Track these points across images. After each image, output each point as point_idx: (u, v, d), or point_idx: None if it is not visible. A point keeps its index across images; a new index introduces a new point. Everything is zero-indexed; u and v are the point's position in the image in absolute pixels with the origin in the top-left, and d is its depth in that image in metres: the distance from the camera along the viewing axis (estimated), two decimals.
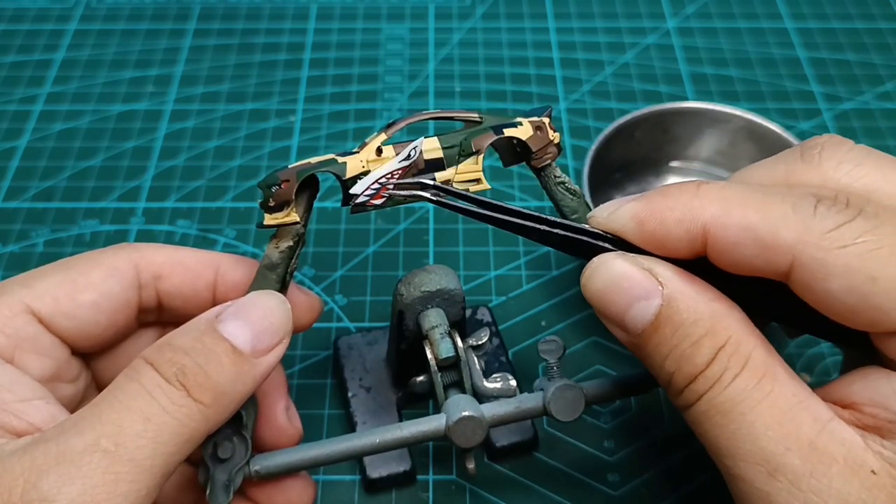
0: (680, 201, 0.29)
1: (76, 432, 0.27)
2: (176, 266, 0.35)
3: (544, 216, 0.32)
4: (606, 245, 0.31)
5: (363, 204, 0.32)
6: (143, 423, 0.27)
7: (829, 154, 0.30)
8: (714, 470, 0.29)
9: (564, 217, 0.36)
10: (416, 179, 0.33)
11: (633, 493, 0.42)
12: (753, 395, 0.27)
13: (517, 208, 0.32)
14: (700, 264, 0.29)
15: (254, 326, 0.30)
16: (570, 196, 0.35)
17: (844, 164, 0.30)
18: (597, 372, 0.47)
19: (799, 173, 0.30)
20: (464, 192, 0.33)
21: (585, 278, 0.30)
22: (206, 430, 0.29)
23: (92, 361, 0.36)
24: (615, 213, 0.31)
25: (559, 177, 0.35)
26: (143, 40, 0.67)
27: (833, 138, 0.31)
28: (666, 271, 0.29)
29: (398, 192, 0.33)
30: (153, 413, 0.28)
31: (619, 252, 0.30)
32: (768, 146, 0.52)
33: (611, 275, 0.30)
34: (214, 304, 0.36)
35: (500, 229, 0.33)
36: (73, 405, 0.34)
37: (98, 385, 0.36)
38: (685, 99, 0.62)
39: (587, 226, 0.32)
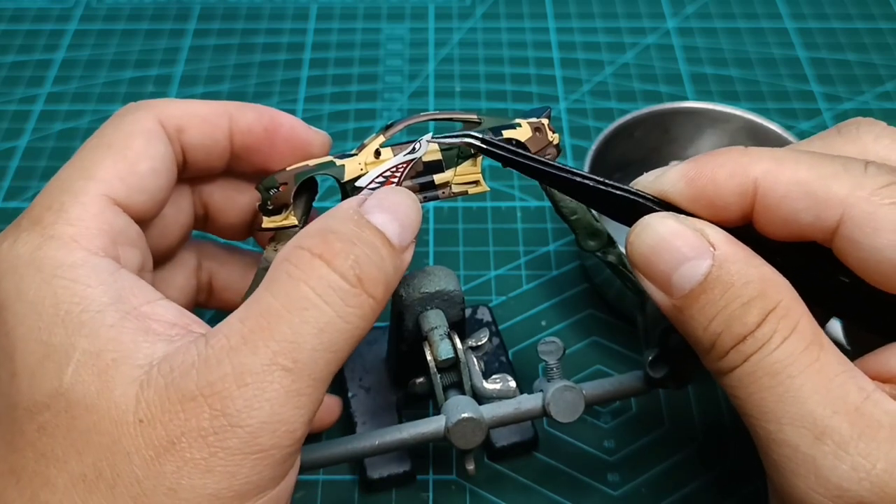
0: (730, 158, 0.29)
1: (249, 350, 0.26)
2: (193, 117, 0.34)
3: (591, 175, 0.32)
4: (654, 206, 0.31)
5: None
6: (318, 336, 0.26)
7: (866, 129, 0.31)
8: (713, 471, 0.29)
9: (564, 218, 0.36)
10: (414, 183, 0.33)
11: (633, 493, 0.42)
12: (802, 359, 0.27)
13: (566, 167, 0.32)
14: (746, 234, 0.29)
15: (400, 220, 0.30)
16: (570, 196, 0.35)
17: (883, 138, 0.30)
18: (597, 372, 0.47)
19: (838, 146, 0.31)
20: (513, 147, 0.32)
21: (634, 236, 0.30)
22: (370, 328, 0.29)
23: (148, 234, 0.34)
24: (663, 176, 0.30)
25: None
26: (143, 40, 0.67)
27: (868, 119, 0.31)
28: (716, 233, 0.29)
29: (445, 139, 0.32)
30: (327, 322, 0.27)
31: (669, 212, 0.30)
32: (768, 146, 0.51)
33: (661, 233, 0.29)
34: (233, 154, 0.35)
35: (546, 182, 0.32)
36: None
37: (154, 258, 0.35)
38: (685, 99, 0.62)
39: (633, 188, 0.31)
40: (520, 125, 0.34)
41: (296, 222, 0.32)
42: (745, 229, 0.29)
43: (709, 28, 0.69)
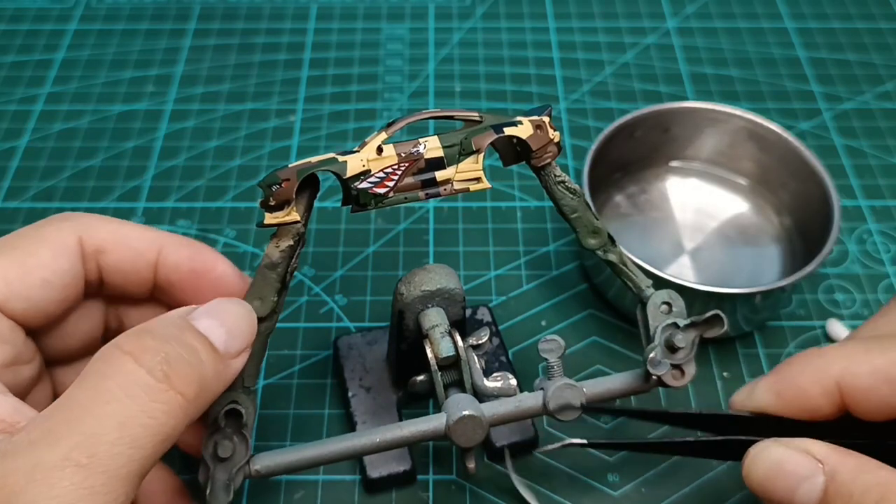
0: (808, 362, 0.32)
1: (47, 444, 0.25)
2: (119, 242, 0.35)
3: (690, 421, 0.36)
4: (758, 439, 0.33)
5: (366, 190, 0.32)
6: (119, 430, 0.26)
7: None
8: (714, 471, 0.29)
9: (565, 216, 0.36)
10: (416, 180, 0.33)
11: (633, 493, 0.42)
12: None
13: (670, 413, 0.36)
14: (852, 422, 0.32)
15: (227, 327, 0.30)
16: (570, 195, 0.35)
17: None
18: (597, 372, 0.47)
19: None
20: (615, 442, 0.38)
21: (747, 467, 0.32)
22: (182, 427, 0.28)
23: (40, 337, 0.35)
24: (753, 394, 0.34)
25: (559, 176, 0.35)
26: (143, 40, 0.67)
27: None
28: (822, 449, 0.31)
29: (553, 447, 0.37)
30: (129, 416, 0.26)
31: (774, 439, 0.32)
32: (768, 146, 0.52)
33: (772, 460, 0.31)
34: (155, 285, 0.36)
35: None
36: (31, 386, 0.33)
37: (46, 359, 0.35)
38: (685, 99, 0.62)
39: (729, 412, 0.35)
40: (521, 123, 0.34)
41: (297, 218, 0.32)
42: (849, 416, 0.32)
43: (709, 28, 0.69)
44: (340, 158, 0.32)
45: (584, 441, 0.36)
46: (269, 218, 0.32)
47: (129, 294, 0.37)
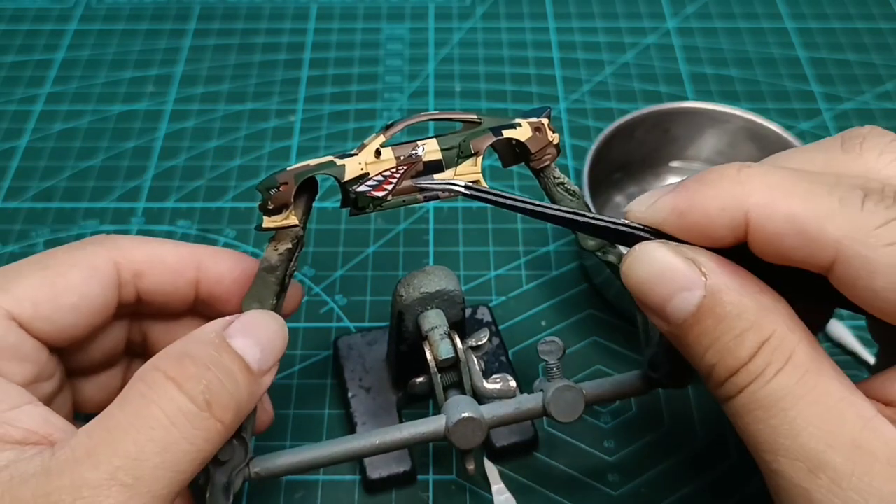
0: (722, 188, 0.28)
1: (91, 464, 0.26)
2: (156, 264, 0.35)
3: (580, 211, 0.32)
4: (647, 236, 0.30)
5: (364, 193, 0.32)
6: (162, 455, 0.27)
7: (870, 144, 0.29)
8: (714, 471, 0.29)
9: None
10: (415, 181, 0.33)
11: (633, 493, 0.42)
12: (796, 391, 0.27)
13: (553, 207, 0.32)
14: (740, 251, 0.29)
15: (262, 345, 0.31)
16: (570, 197, 0.35)
17: (886, 153, 0.29)
18: (597, 372, 0.47)
19: (839, 162, 0.29)
20: (498, 190, 0.32)
21: (626, 266, 0.30)
22: (217, 449, 0.29)
23: (63, 353, 0.35)
24: (654, 207, 0.30)
25: (558, 177, 0.35)
26: (143, 40, 0.67)
27: (874, 129, 0.30)
28: (710, 262, 0.28)
29: (430, 185, 0.32)
30: (172, 442, 0.27)
31: (661, 241, 0.30)
32: (768, 146, 0.52)
33: (652, 264, 0.29)
34: (197, 300, 0.36)
35: (535, 218, 0.32)
36: (51, 399, 0.34)
37: (68, 371, 0.35)
38: (685, 99, 0.62)
39: (624, 220, 0.31)
40: (520, 125, 0.34)
41: (296, 222, 0.32)
42: (742, 248, 0.29)
43: (709, 28, 0.69)
44: (339, 162, 0.32)
45: (463, 188, 0.32)
46: (268, 221, 0.32)
47: (168, 312, 0.37)
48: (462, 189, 0.32)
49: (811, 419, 0.26)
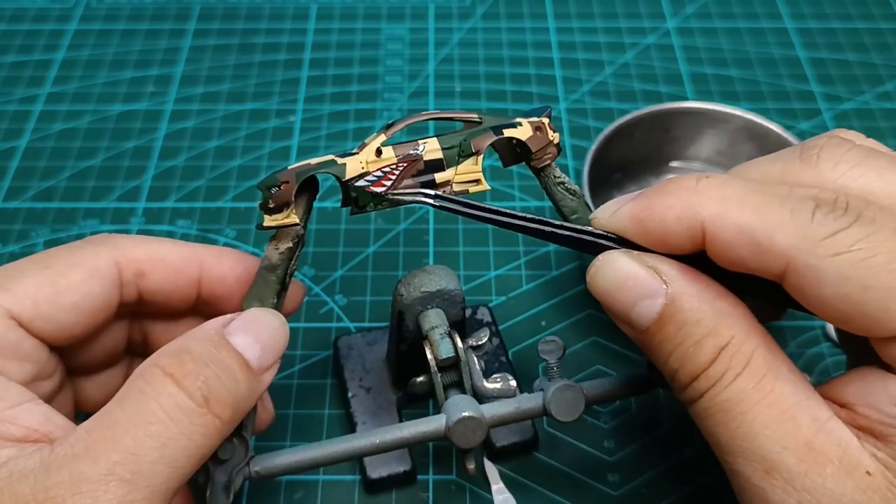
0: (679, 198, 0.29)
1: (90, 459, 0.26)
2: (158, 263, 0.35)
3: (546, 219, 0.33)
4: (610, 243, 0.32)
5: (364, 188, 0.32)
6: (160, 451, 0.27)
7: (827, 154, 0.30)
8: (714, 471, 0.29)
9: (565, 218, 0.36)
10: (415, 182, 0.33)
11: (633, 493, 0.42)
12: (753, 395, 0.28)
13: (519, 213, 0.33)
14: (702, 257, 0.29)
15: (262, 343, 0.31)
16: (570, 196, 0.35)
17: (842, 164, 0.30)
18: (597, 372, 0.47)
19: (796, 173, 0.30)
20: (465, 200, 0.33)
21: (591, 275, 0.31)
22: (216, 446, 0.29)
23: (64, 352, 0.35)
24: (616, 214, 0.31)
25: (559, 177, 0.35)
26: (143, 40, 0.67)
27: (833, 139, 0.31)
28: (671, 269, 0.29)
29: (400, 195, 0.33)
30: (170, 438, 0.27)
31: (624, 249, 0.31)
32: (768, 146, 0.51)
33: (616, 273, 0.30)
34: (199, 299, 0.36)
35: (503, 229, 0.33)
36: (52, 397, 0.34)
37: (68, 369, 0.35)
38: (685, 99, 0.62)
39: (590, 227, 0.32)
40: (520, 124, 0.34)
41: (297, 220, 0.32)
42: (703, 253, 0.29)
43: (709, 28, 0.69)
44: (339, 161, 0.32)
45: (432, 199, 0.33)
46: (269, 220, 0.32)
47: (170, 311, 0.37)
48: (431, 201, 0.33)
49: (767, 422, 0.27)
